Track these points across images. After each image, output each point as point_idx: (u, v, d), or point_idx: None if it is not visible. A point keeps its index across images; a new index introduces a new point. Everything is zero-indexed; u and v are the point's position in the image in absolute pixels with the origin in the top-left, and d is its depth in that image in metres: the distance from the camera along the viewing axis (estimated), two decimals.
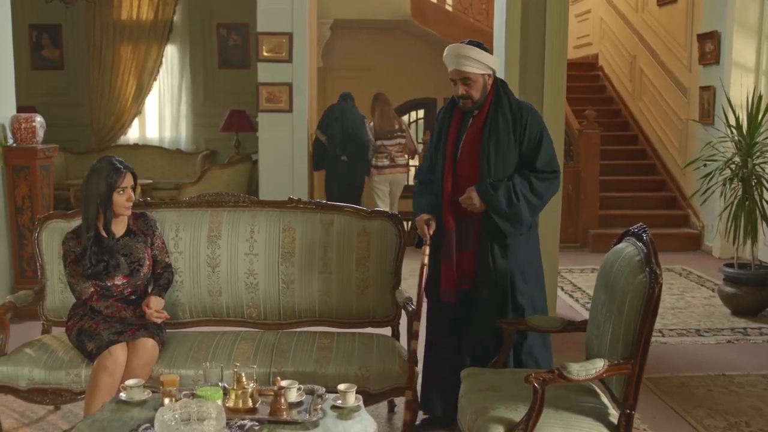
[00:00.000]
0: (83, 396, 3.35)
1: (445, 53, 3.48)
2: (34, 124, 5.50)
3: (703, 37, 8.21)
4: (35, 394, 3.42)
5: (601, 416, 2.84)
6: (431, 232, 3.48)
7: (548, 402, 2.70)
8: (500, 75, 5.63)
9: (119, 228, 3.58)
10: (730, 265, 6.01)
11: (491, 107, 3.48)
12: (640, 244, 2.93)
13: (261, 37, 7.43)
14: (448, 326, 3.60)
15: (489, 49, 3.50)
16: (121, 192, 3.48)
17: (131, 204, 3.55)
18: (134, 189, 3.57)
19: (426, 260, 3.43)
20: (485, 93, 3.47)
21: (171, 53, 10.59)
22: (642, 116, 10.13)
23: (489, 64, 3.43)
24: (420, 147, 9.98)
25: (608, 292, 2.99)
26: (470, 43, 3.47)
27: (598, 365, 2.74)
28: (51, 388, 3.40)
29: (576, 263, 7.70)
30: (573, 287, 6.78)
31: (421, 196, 3.63)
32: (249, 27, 10.34)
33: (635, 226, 3.05)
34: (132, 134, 10.75)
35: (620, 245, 3.12)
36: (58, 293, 3.81)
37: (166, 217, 3.85)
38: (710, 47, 8.07)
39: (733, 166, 5.94)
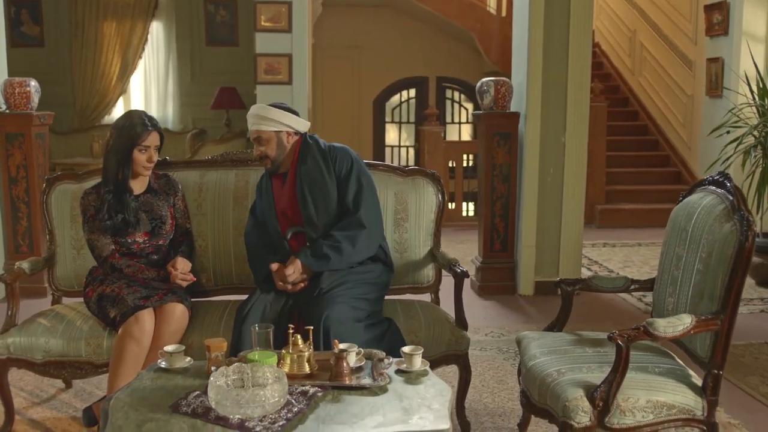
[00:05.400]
0: (105, 369, 3.06)
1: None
2: (28, 88, 5.15)
3: (710, 8, 8.02)
4: (52, 367, 3.10)
5: (683, 377, 2.64)
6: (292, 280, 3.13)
7: None
8: (522, 49, 5.50)
9: (140, 186, 3.34)
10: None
11: (299, 159, 3.26)
12: (722, 191, 2.72)
13: (259, 5, 7.12)
14: None
15: (295, 112, 3.30)
16: (143, 150, 3.23)
17: (152, 165, 3.31)
18: (159, 150, 3.33)
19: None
20: (284, 151, 3.24)
21: (156, 30, 10.17)
22: (643, 92, 9.95)
23: (285, 121, 3.22)
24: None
25: (687, 246, 2.77)
26: (273, 105, 3.27)
27: (686, 321, 2.53)
28: (69, 360, 3.08)
29: (586, 239, 7.45)
30: (590, 261, 6.59)
31: (258, 259, 3.31)
32: (237, 2, 10.00)
33: (714, 174, 2.83)
34: (117, 114, 10.30)
35: (694, 196, 2.91)
36: (70, 260, 3.49)
37: (188, 177, 3.56)
38: (718, 18, 7.88)
39: (756, 133, 5.76)
